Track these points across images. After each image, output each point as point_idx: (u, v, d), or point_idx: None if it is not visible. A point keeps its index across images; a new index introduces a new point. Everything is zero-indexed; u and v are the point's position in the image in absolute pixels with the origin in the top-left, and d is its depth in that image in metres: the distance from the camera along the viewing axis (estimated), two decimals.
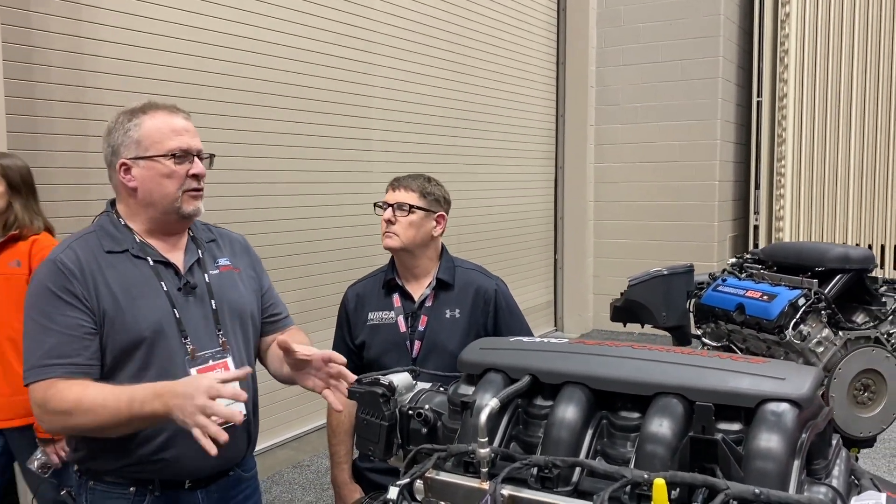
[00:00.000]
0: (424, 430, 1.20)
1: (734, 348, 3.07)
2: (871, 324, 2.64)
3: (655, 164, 7.90)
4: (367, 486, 2.32)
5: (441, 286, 2.26)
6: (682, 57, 7.68)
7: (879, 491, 0.95)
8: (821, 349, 2.54)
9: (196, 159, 1.73)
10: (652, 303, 3.13)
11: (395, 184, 2.24)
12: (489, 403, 0.97)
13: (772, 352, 2.76)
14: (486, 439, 0.96)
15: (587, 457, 1.03)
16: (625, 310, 3.17)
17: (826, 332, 2.55)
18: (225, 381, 1.47)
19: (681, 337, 3.23)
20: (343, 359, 1.64)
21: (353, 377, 1.59)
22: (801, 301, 2.57)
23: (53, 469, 2.74)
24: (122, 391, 1.53)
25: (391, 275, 2.29)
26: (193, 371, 1.67)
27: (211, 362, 1.71)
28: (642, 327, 3.31)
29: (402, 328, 2.23)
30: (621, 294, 3.19)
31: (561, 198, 8.29)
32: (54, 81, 3.59)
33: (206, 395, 1.41)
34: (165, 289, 1.69)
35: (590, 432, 1.04)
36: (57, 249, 1.68)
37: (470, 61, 6.68)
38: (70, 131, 3.69)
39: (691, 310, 3.12)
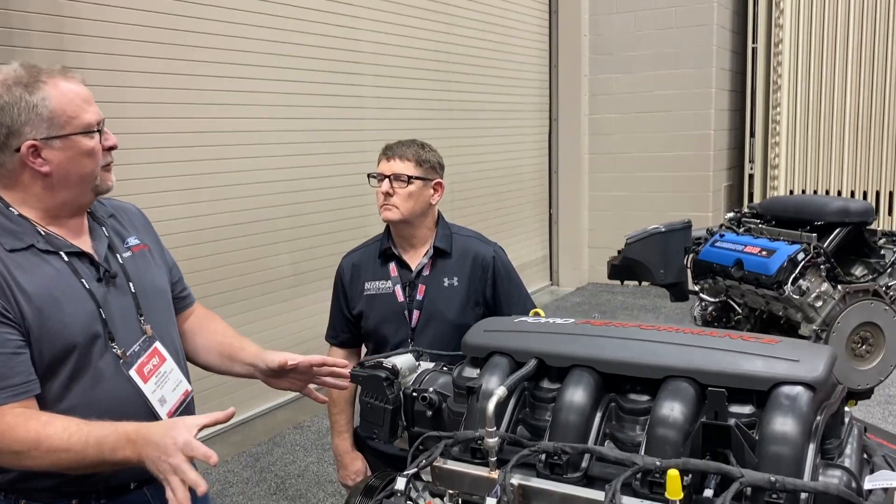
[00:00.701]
0: (429, 413, 1.18)
1: (732, 304, 3.07)
2: (870, 277, 2.63)
3: (650, 115, 7.82)
4: (368, 453, 2.32)
5: (438, 254, 2.22)
6: (677, 4, 7.54)
7: (893, 469, 0.94)
8: (819, 303, 2.53)
9: (106, 130, 1.54)
10: (650, 260, 3.12)
11: (389, 153, 2.17)
12: (497, 392, 0.95)
13: (770, 307, 2.76)
14: (495, 428, 0.94)
15: (596, 441, 1.01)
16: (623, 268, 3.16)
17: (825, 286, 2.54)
18: (204, 425, 1.35)
19: (678, 293, 3.22)
20: (343, 362, 1.64)
21: (347, 370, 1.58)
22: (801, 256, 2.55)
23: None
24: (90, 432, 1.37)
25: (387, 244, 2.25)
26: (133, 373, 1.55)
27: (143, 357, 1.59)
28: (640, 284, 3.30)
29: (400, 298, 2.20)
30: (619, 252, 3.18)
31: (555, 151, 8.22)
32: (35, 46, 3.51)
33: (181, 453, 1.29)
34: (88, 287, 1.52)
35: (598, 416, 1.02)
36: None
37: (459, 12, 6.54)
38: None
39: (689, 266, 3.10)
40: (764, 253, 2.67)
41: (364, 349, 2.36)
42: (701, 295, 3.17)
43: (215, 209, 4.44)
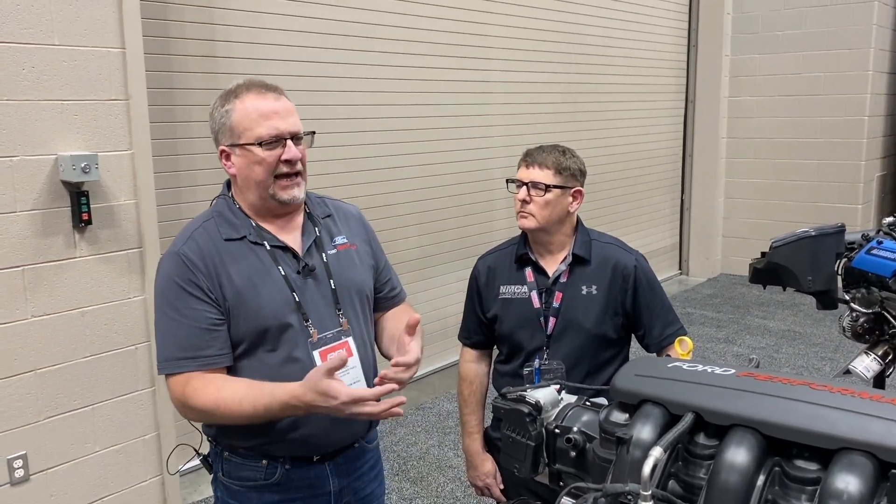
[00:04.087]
0: (573, 454, 1.15)
1: (887, 316, 2.84)
2: None
3: (797, 98, 7.34)
4: (498, 454, 2.31)
5: (577, 261, 2.16)
6: None
7: None
8: None
9: (289, 142, 1.64)
10: (797, 266, 2.92)
11: (529, 160, 2.12)
12: (653, 454, 0.91)
13: None
14: (650, 493, 0.90)
15: None
16: (766, 272, 2.97)
17: None
18: (334, 369, 1.50)
19: (826, 301, 3.00)
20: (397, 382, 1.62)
21: (399, 408, 1.58)
22: None
23: None
24: (256, 399, 1.57)
25: (523, 249, 2.21)
26: (316, 354, 1.69)
27: (332, 344, 1.71)
28: (784, 290, 3.12)
29: (536, 304, 2.16)
30: (762, 254, 3.00)
31: (690, 134, 7.88)
32: (190, 53, 3.68)
33: (349, 405, 1.50)
34: (283, 273, 1.68)
35: (761, 479, 0.96)
36: (179, 240, 1.69)
37: None
38: (205, 102, 3.79)
39: (839, 272, 2.89)
40: None
41: (496, 352, 2.35)
42: (852, 305, 2.95)
43: (351, 193, 4.56)
